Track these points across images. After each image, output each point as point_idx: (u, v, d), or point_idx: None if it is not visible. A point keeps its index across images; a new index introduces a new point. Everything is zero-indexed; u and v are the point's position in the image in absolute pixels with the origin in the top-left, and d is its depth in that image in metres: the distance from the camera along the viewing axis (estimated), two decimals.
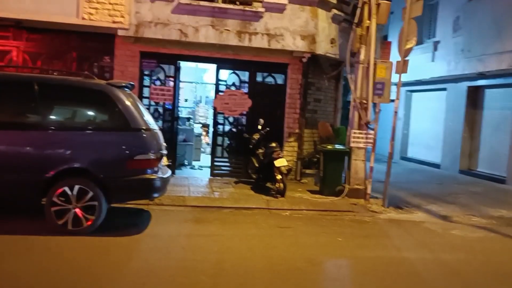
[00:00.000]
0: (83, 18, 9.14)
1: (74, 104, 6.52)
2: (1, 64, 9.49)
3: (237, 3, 9.84)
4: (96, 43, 9.90)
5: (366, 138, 9.21)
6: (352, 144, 9.28)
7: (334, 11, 10.59)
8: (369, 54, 9.09)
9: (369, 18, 9.12)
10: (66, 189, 5.84)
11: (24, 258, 5.04)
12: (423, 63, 15.37)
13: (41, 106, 6.14)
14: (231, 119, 10.83)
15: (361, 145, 9.28)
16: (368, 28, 9.13)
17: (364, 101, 9.23)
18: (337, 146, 9.64)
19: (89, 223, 5.90)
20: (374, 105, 9.28)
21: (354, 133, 9.26)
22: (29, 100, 6.13)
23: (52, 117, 6.29)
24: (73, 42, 9.90)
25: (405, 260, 5.84)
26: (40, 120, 6.09)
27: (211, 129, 12.01)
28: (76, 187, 5.86)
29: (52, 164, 5.85)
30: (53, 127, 6.05)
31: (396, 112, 8.96)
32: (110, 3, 9.26)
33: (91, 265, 4.93)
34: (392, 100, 9.11)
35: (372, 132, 9.19)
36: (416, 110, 17.64)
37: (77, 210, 5.86)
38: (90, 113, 6.61)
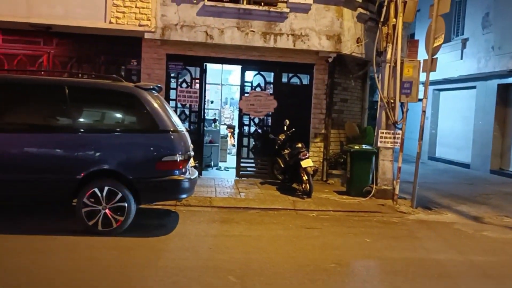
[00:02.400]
0: (111, 22, 9.29)
1: (103, 107, 6.63)
2: (33, 69, 9.74)
3: (262, 4, 9.85)
4: (123, 46, 10.08)
5: (394, 138, 9.10)
6: (379, 144, 9.17)
7: (360, 10, 10.49)
8: (396, 53, 8.98)
9: (396, 17, 9.00)
10: (96, 190, 5.94)
11: (57, 257, 5.16)
12: (451, 61, 15.10)
13: (72, 109, 6.27)
14: (256, 120, 10.85)
15: (389, 145, 9.16)
16: (394, 26, 9.02)
17: (392, 101, 9.11)
18: (364, 146, 9.55)
19: (119, 223, 5.99)
20: (402, 104, 9.15)
21: (382, 133, 9.16)
22: (60, 104, 6.27)
23: (82, 119, 6.42)
24: (101, 46, 10.08)
25: (435, 262, 5.74)
26: (70, 122, 6.22)
27: (236, 131, 12.06)
28: (106, 189, 5.96)
29: (83, 166, 5.97)
30: (83, 130, 6.18)
31: (424, 112, 8.82)
32: (136, 7, 9.39)
33: (121, 265, 5.01)
34: (420, 99, 8.99)
35: (399, 132, 9.07)
36: (444, 109, 17.34)
37: (107, 211, 5.96)
38: (119, 115, 6.72)
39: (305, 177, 8.78)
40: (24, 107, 6.36)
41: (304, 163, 8.73)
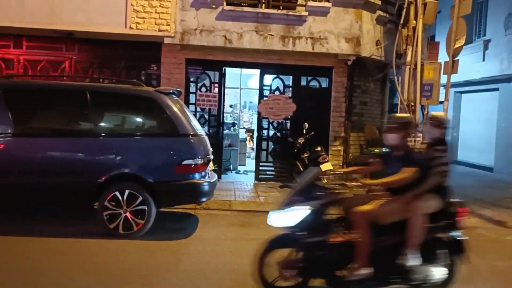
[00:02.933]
0: (131, 28, 9.42)
1: (124, 111, 6.72)
2: (56, 74, 9.91)
3: (281, 7, 9.86)
4: (143, 51, 10.19)
5: (415, 141, 9.00)
6: None
7: (379, 12, 10.43)
8: (416, 55, 8.92)
9: (415, 18, 8.95)
10: (117, 193, 6.01)
11: (79, 259, 5.23)
12: (473, 63, 14.87)
13: (93, 113, 6.37)
14: (275, 124, 10.84)
15: None
16: (414, 28, 8.96)
17: (412, 103, 9.04)
18: (385, 150, 9.45)
19: (139, 227, 6.05)
20: (422, 107, 9.06)
21: None
22: (82, 108, 6.39)
23: (104, 124, 6.52)
24: (122, 51, 10.22)
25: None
26: (92, 127, 6.32)
27: (255, 134, 12.08)
28: (126, 192, 6.02)
29: (104, 170, 6.05)
30: (104, 134, 6.27)
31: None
32: (156, 12, 9.50)
33: (142, 267, 5.05)
34: (441, 102, 8.88)
35: (420, 135, 8.97)
36: (466, 112, 17.06)
37: (128, 214, 6.02)
38: (139, 119, 6.80)
39: (324, 181, 8.71)
40: (47, 112, 6.50)
41: (324, 167, 8.68)
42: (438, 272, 4.35)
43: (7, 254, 5.29)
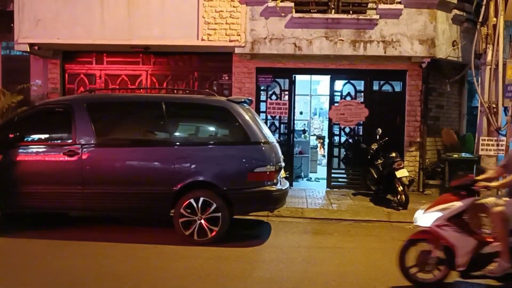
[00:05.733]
0: (203, 39, 9.68)
1: (198, 121, 6.91)
2: (133, 87, 10.41)
3: (351, 12, 9.72)
4: (215, 62, 10.46)
5: (498, 145, 8.49)
6: (481, 152, 8.61)
7: (455, 11, 9.97)
8: (497, 54, 8.43)
9: (496, 16, 8.47)
10: (192, 201, 6.16)
11: (158, 264, 5.40)
12: None
13: (169, 123, 6.61)
14: (347, 130, 10.66)
15: (492, 152, 8.56)
16: (494, 26, 8.49)
17: (494, 105, 8.54)
18: (464, 155, 9.01)
19: (213, 234, 6.15)
20: (505, 109, 8.54)
21: (483, 140, 8.59)
22: (158, 119, 6.64)
23: (178, 133, 6.73)
24: (194, 63, 10.56)
25: None
26: (168, 136, 6.55)
27: (326, 141, 11.95)
28: (201, 199, 6.16)
29: (179, 178, 6.22)
30: (179, 143, 6.46)
31: None
32: (226, 23, 9.71)
33: (217, 274, 5.13)
34: None
35: (504, 138, 8.45)
36: None
37: (202, 221, 6.15)
38: (212, 128, 6.95)
39: (400, 188, 8.45)
40: (126, 123, 6.81)
41: (399, 173, 8.41)
42: None
43: (89, 259, 5.58)
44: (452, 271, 4.74)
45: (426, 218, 4.75)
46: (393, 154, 8.78)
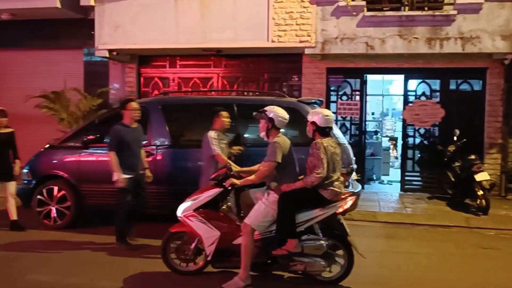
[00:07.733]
0: (273, 41, 9.72)
1: None
2: (205, 89, 10.66)
3: (426, 8, 9.35)
4: (284, 63, 10.48)
5: None
6: None
7: None
8: None
9: None
10: None
11: None
12: None
13: (240, 125, 6.68)
14: (422, 131, 10.26)
15: None
16: None
17: None
18: None
19: None
20: None
21: None
22: (230, 120, 6.72)
23: (249, 134, 6.79)
24: (264, 64, 10.64)
25: None
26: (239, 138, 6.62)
27: (399, 142, 11.57)
28: None
29: None
30: (250, 144, 6.53)
31: None
32: (297, 24, 9.67)
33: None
34: None
35: None
36: None
37: None
38: (283, 129, 6.92)
39: (480, 192, 8.02)
40: (198, 124, 6.95)
41: (479, 177, 7.98)
42: None
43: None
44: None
45: (180, 207, 4.89)
46: (472, 157, 8.36)
